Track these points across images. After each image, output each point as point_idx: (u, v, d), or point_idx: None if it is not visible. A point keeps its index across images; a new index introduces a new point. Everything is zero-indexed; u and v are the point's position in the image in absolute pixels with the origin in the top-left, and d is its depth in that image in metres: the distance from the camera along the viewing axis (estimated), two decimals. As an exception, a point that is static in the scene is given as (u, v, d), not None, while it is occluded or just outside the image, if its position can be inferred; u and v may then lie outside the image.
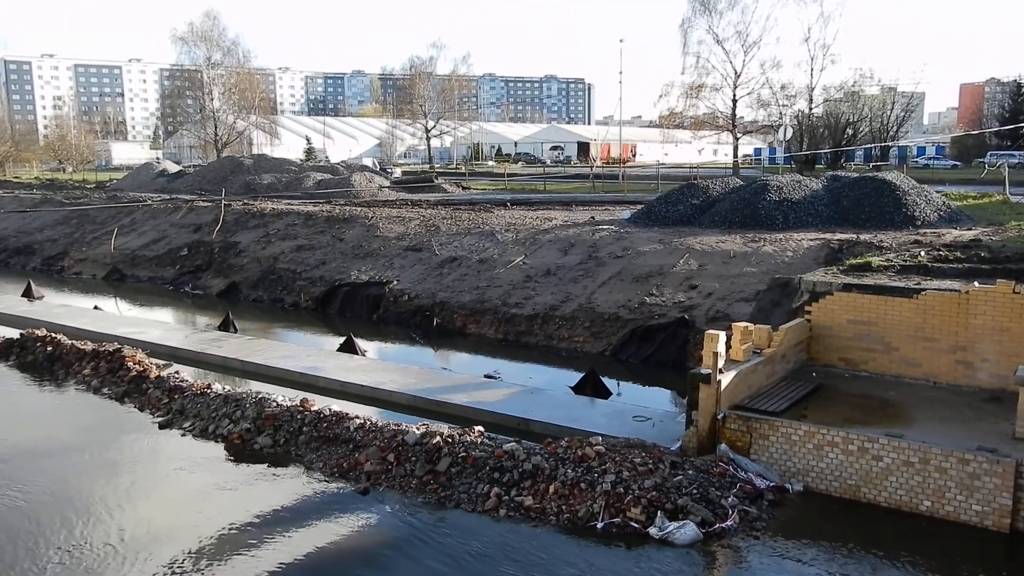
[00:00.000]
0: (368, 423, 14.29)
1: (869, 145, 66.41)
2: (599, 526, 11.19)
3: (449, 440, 13.21)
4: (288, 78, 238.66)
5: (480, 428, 13.84)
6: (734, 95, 59.63)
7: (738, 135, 62.25)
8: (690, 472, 12.08)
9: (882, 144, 66.09)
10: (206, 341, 22.13)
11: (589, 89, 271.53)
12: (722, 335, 13.18)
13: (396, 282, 27.25)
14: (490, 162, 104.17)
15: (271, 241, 33.73)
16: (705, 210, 29.32)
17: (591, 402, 16.59)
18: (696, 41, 59.35)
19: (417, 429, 13.71)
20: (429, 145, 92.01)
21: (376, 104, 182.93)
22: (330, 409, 15.03)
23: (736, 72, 58.94)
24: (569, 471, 12.10)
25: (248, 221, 36.55)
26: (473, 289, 25.37)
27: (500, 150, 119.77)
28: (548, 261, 25.96)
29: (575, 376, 18.15)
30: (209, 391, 16.57)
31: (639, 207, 32.95)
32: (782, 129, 59.03)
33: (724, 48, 58.64)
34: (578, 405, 16.32)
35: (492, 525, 11.47)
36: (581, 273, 24.62)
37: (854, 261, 18.24)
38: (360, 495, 12.54)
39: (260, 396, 15.81)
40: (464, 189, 54.52)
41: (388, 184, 54.60)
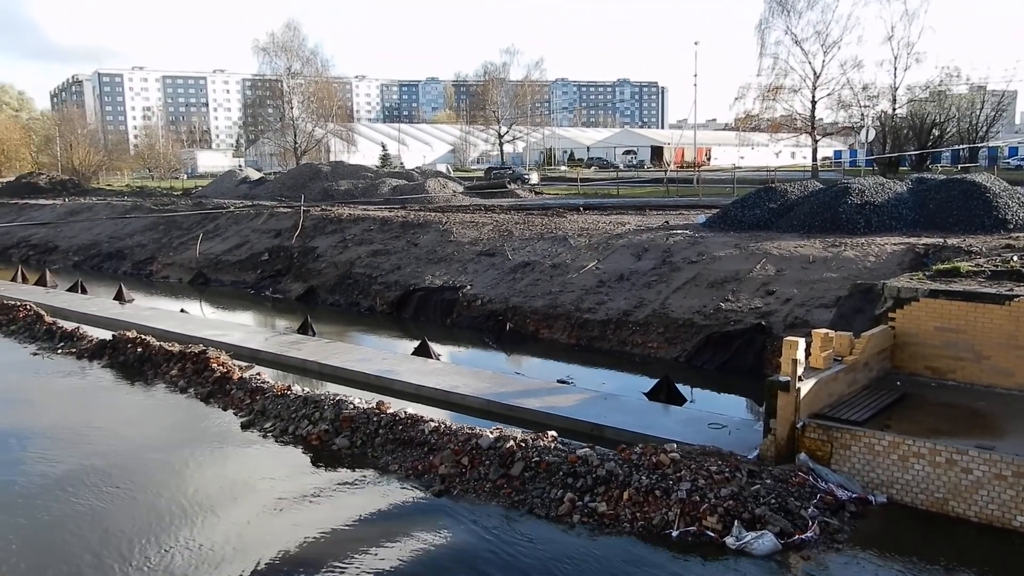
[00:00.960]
0: (442, 426, 14.45)
1: (957, 146, 63.98)
2: (674, 534, 11.05)
3: (522, 445, 13.25)
4: (364, 86, 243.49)
5: (553, 433, 13.83)
6: (813, 96, 58.36)
7: (817, 137, 60.81)
8: (768, 481, 11.83)
9: (971, 145, 63.57)
10: (285, 344, 22.72)
11: (662, 92, 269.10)
12: (801, 342, 12.88)
13: (469, 287, 27.48)
14: (563, 167, 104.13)
15: (348, 246, 34.42)
16: (783, 214, 28.72)
17: (665, 409, 16.42)
18: (774, 42, 58.41)
19: (491, 433, 13.79)
20: (502, 151, 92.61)
21: (450, 110, 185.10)
22: (405, 412, 15.24)
23: (815, 73, 57.73)
24: (643, 478, 11.99)
25: (326, 227, 37.39)
26: (546, 294, 25.39)
27: (573, 155, 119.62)
28: (621, 266, 25.80)
29: (648, 382, 17.98)
30: (289, 392, 17.00)
31: (714, 211, 32.49)
32: (864, 131, 57.36)
33: (803, 48, 57.51)
34: (652, 411, 16.16)
35: (566, 531, 11.44)
36: (655, 278, 24.40)
37: (941, 266, 17.59)
38: (434, 497, 12.68)
39: (338, 398, 16.14)
40: (537, 194, 54.66)
41: (462, 190, 55.07)
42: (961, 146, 63.70)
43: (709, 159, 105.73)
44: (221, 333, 23.85)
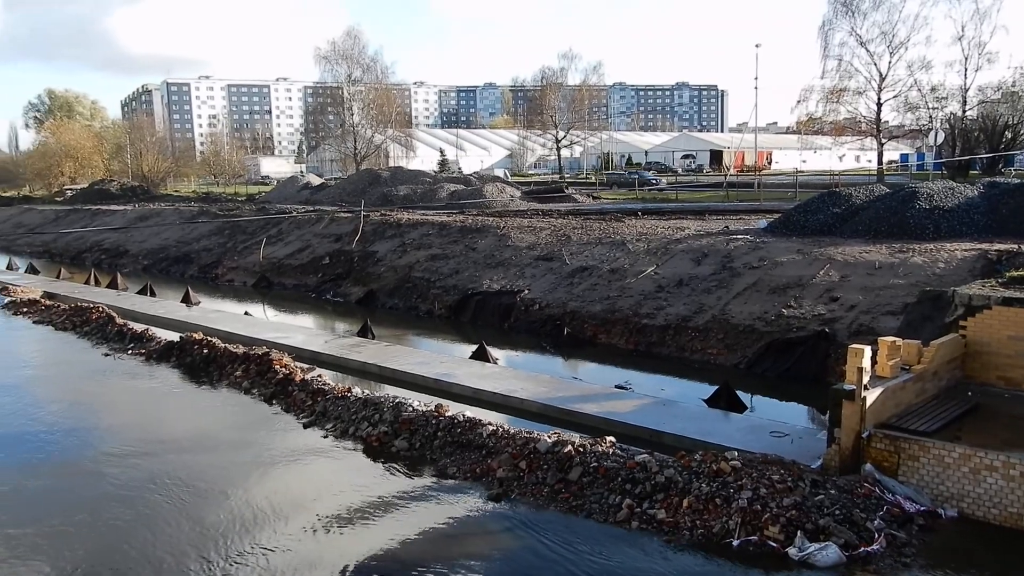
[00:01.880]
0: (500, 430, 14.51)
1: (1032, 149, 61.66)
2: (735, 543, 10.89)
3: (581, 449, 13.22)
4: (423, 92, 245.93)
5: (611, 439, 13.76)
6: (879, 98, 56.92)
7: (883, 140, 59.31)
8: (832, 492, 11.57)
9: (1046, 148, 61.22)
10: (346, 346, 23.07)
11: (722, 96, 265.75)
12: (867, 349, 12.58)
13: (527, 291, 27.53)
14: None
15: (407, 250, 34.80)
16: (847, 219, 28.08)
17: (725, 416, 16.20)
18: (838, 43, 57.08)
19: (549, 437, 13.80)
20: (559, 155, 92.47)
21: (507, 115, 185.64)
22: (464, 415, 15.35)
23: (881, 74, 56.28)
24: (703, 485, 11.85)
25: (385, 231, 37.87)
26: (604, 299, 25.29)
27: (630, 159, 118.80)
28: (680, 271, 25.55)
29: (708, 389, 17.77)
30: (350, 394, 17.26)
31: (776, 216, 31.95)
32: (932, 133, 55.66)
33: (868, 50, 56.10)
34: (712, 418, 15.96)
35: (624, 536, 11.38)
36: (715, 284, 24.10)
37: (1015, 273, 16.97)
38: (492, 500, 12.73)
39: (397, 401, 16.33)
40: (594, 199, 54.47)
41: (520, 195, 55.16)
42: (1036, 149, 61.39)
43: (770, 163, 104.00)
44: (283, 335, 24.34)
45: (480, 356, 21.24)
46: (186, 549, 11.35)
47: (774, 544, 10.74)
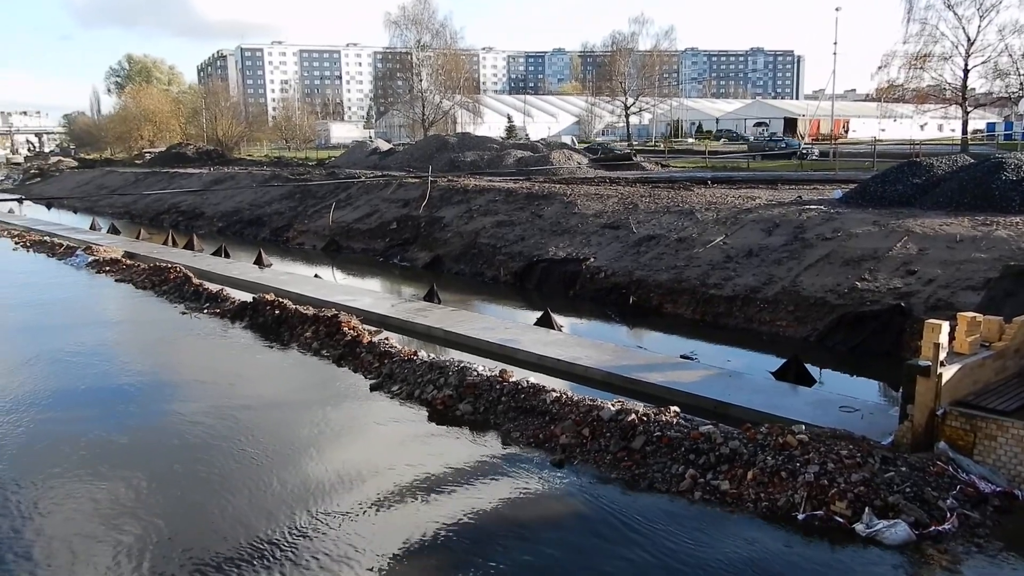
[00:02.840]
0: (564, 397, 14.55)
1: None
2: (800, 517, 10.75)
3: (644, 419, 13.18)
4: (491, 58, 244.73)
5: (676, 408, 13.68)
6: (966, 65, 54.25)
7: (969, 108, 56.74)
8: (903, 469, 11.31)
9: None
10: (412, 311, 23.37)
11: (798, 62, 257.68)
12: (945, 325, 12.18)
13: (593, 259, 27.38)
14: (690, 139, 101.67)
15: (473, 217, 34.92)
16: (928, 190, 27.09)
17: (793, 389, 15.92)
18: (923, 6, 54.36)
19: (612, 406, 13.79)
20: (628, 122, 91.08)
21: (575, 82, 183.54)
22: (527, 381, 15.43)
23: (969, 39, 53.54)
24: (769, 458, 11.71)
25: (452, 197, 38.04)
26: (671, 268, 25.01)
27: (701, 127, 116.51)
28: (750, 241, 25.07)
29: (776, 361, 17.47)
30: (416, 358, 17.51)
31: (852, 186, 31.01)
32: (1022, 101, 53.07)
33: (955, 13, 53.33)
34: (779, 391, 15.71)
35: (686, 507, 11.35)
36: (786, 255, 23.58)
37: (1108, 248, 16.19)
38: (555, 466, 12.81)
39: (462, 365, 16.50)
40: (663, 167, 53.67)
41: (587, 162, 54.71)
42: None
43: (847, 131, 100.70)
44: (352, 298, 24.77)
45: (545, 323, 21.28)
46: (272, 510, 11.60)
47: (841, 520, 10.57)
